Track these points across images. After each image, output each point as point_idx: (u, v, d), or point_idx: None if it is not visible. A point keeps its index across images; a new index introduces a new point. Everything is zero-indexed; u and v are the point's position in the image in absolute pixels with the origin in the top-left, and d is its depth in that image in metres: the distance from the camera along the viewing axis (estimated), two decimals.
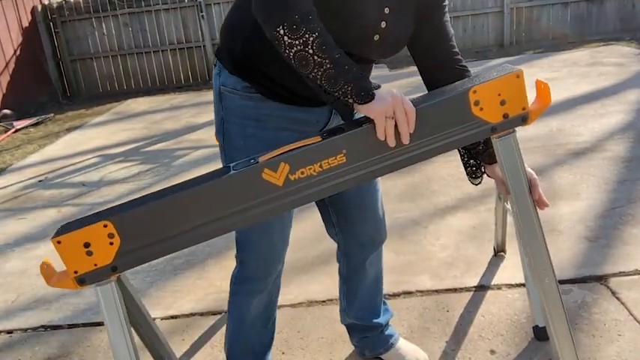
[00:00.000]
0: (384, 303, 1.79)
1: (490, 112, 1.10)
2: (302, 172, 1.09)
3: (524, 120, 1.13)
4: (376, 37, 1.23)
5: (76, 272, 1.09)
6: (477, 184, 1.47)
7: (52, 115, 6.63)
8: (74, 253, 1.08)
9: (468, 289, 2.14)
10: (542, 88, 1.14)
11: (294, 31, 1.06)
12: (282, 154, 1.09)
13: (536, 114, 1.13)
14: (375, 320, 1.73)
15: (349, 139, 1.09)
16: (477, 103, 1.10)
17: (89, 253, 1.09)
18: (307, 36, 1.06)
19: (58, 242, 1.07)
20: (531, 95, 1.16)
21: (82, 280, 1.10)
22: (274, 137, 1.31)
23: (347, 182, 1.12)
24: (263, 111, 1.31)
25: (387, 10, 1.22)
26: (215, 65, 1.39)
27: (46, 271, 1.13)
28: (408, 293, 2.16)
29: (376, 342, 1.76)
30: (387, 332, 1.77)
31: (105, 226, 1.08)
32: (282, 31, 1.06)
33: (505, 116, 1.12)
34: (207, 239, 1.12)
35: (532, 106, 1.15)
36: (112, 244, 1.09)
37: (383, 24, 1.23)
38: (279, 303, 2.15)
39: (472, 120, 1.10)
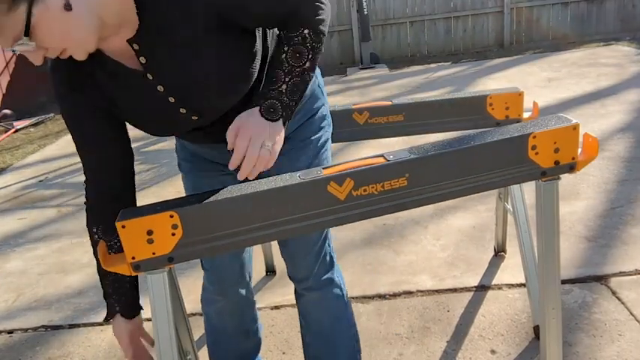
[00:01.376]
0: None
1: (544, 157, 1.18)
2: (364, 190, 1.12)
3: (571, 168, 1.20)
4: (192, 125, 1.16)
5: (133, 258, 1.11)
6: None
7: (52, 115, 6.63)
8: (136, 239, 1.10)
9: (468, 289, 2.14)
10: (589, 142, 1.21)
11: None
12: (348, 169, 1.12)
13: (583, 165, 1.21)
14: None
15: (412, 164, 1.13)
16: (534, 148, 1.17)
17: (150, 241, 1.11)
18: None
19: (123, 226, 1.08)
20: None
21: (137, 267, 1.12)
22: (190, 165, 1.38)
23: (404, 205, 1.16)
24: (179, 139, 1.38)
25: (171, 100, 1.10)
26: None
27: (102, 251, 1.15)
28: (409, 293, 2.16)
29: None
30: None
31: (171, 216, 1.09)
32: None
33: (556, 163, 1.20)
34: (265, 242, 1.15)
35: (580, 157, 1.22)
36: (174, 234, 1.11)
37: (182, 110, 1.12)
38: (280, 303, 2.16)
39: (526, 162, 1.18)
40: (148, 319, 2.16)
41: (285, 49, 1.06)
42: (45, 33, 0.89)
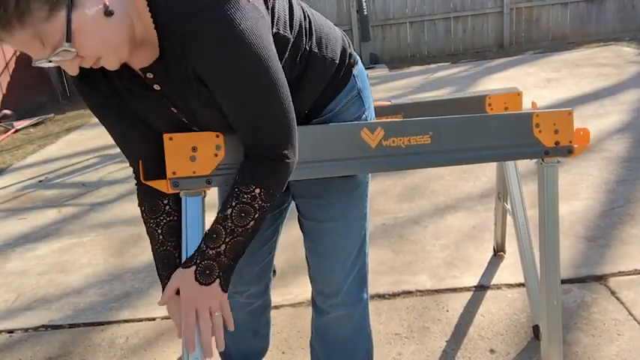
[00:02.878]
0: None
1: (546, 136, 1.31)
2: (393, 141, 1.24)
3: (569, 152, 1.33)
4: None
5: (174, 173, 1.14)
6: None
7: (52, 115, 6.63)
8: (180, 153, 1.14)
9: (467, 289, 2.15)
10: (580, 134, 1.34)
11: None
12: (379, 121, 1.25)
13: (579, 151, 1.34)
14: None
15: (435, 124, 1.26)
16: (537, 125, 1.31)
17: (193, 159, 1.15)
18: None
19: (170, 139, 1.13)
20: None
21: (175, 184, 1.15)
22: None
23: (428, 162, 1.28)
24: None
25: (184, 120, 1.12)
26: None
27: (142, 168, 1.18)
28: (408, 293, 2.17)
29: None
30: None
31: (217, 136, 1.14)
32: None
33: (556, 143, 1.32)
34: (300, 178, 1.22)
35: (575, 144, 1.35)
36: (216, 155, 1.15)
37: (195, 128, 1.15)
38: (279, 303, 2.17)
39: (532, 139, 1.31)
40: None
41: (233, 204, 1.04)
42: (84, 39, 0.87)
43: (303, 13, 1.14)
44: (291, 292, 2.26)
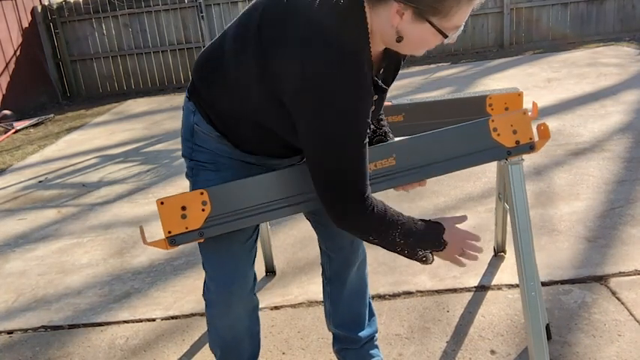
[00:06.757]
0: (371, 319, 1.75)
1: (505, 138, 1.38)
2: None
3: (531, 148, 1.38)
4: None
5: (169, 232, 1.27)
6: None
7: (52, 115, 6.63)
8: (171, 214, 1.27)
9: (468, 290, 2.14)
10: (542, 130, 1.39)
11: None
12: None
13: (541, 145, 1.39)
14: (356, 333, 1.70)
15: (397, 146, 1.34)
16: (495, 130, 1.37)
17: (184, 217, 1.27)
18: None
19: (162, 203, 1.26)
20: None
21: (173, 241, 1.28)
22: (246, 167, 1.38)
23: (396, 183, 1.34)
24: (236, 154, 1.36)
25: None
26: (189, 100, 1.37)
27: (142, 233, 1.30)
28: (409, 293, 2.16)
29: (356, 357, 1.71)
30: (371, 351, 1.72)
31: (201, 193, 1.27)
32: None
33: (517, 142, 1.38)
34: (281, 216, 1.33)
35: (536, 140, 1.40)
36: (203, 210, 1.27)
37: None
38: (279, 303, 2.17)
39: (492, 143, 1.38)
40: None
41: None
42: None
43: None
44: (292, 292, 2.26)
